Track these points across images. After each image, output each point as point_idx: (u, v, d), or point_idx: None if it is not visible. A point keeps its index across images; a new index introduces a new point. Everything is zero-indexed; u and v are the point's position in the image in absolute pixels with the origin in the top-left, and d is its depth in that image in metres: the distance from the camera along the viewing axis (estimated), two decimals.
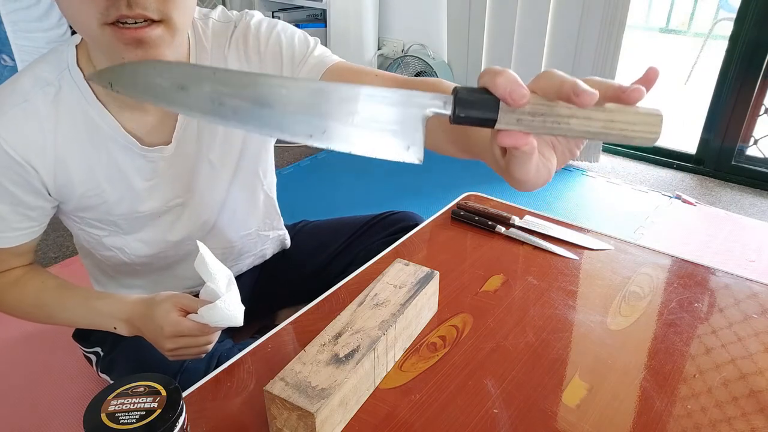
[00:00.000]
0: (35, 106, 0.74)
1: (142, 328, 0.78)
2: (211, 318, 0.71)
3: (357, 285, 0.87)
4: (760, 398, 0.67)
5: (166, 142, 0.83)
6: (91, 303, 0.82)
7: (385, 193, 2.13)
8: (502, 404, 0.65)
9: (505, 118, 0.41)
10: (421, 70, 2.68)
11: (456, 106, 0.41)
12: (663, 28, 4.92)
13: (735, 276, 0.90)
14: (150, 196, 0.85)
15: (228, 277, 0.73)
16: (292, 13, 2.81)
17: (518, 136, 0.41)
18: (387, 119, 0.42)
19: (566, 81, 0.40)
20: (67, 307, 0.83)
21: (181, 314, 0.74)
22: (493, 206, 1.07)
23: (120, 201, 0.83)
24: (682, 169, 2.39)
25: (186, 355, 0.77)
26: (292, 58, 0.85)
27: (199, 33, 0.83)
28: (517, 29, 2.37)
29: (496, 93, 0.40)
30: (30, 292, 0.84)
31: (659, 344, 0.75)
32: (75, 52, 0.76)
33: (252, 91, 0.41)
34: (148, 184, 0.84)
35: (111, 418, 0.49)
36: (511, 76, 0.40)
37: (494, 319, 0.79)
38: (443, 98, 0.42)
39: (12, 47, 2.44)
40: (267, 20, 0.89)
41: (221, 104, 0.40)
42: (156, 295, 0.77)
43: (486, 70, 0.42)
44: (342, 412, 0.61)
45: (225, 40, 0.85)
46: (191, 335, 0.74)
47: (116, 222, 0.86)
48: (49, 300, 0.84)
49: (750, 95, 2.19)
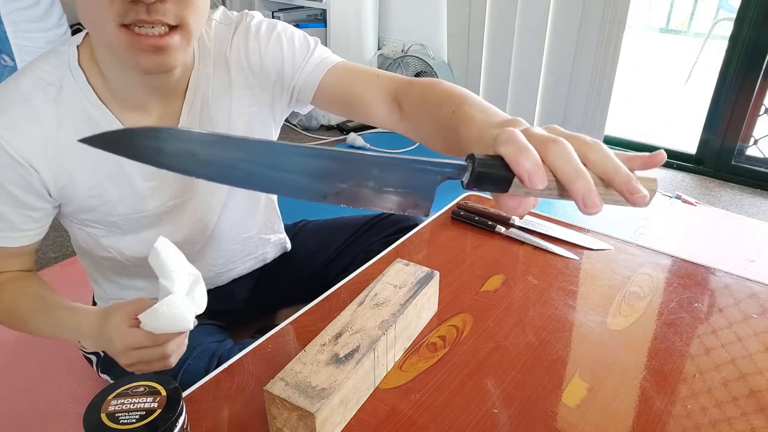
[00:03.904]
0: (36, 107, 0.74)
1: (99, 344, 0.73)
2: (152, 324, 0.62)
3: (357, 285, 0.87)
4: (760, 398, 0.67)
5: None
6: (57, 315, 0.77)
7: None
8: (502, 404, 0.65)
9: (515, 190, 0.41)
10: (421, 70, 2.68)
11: (471, 179, 0.41)
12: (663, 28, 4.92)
13: (735, 276, 0.90)
14: (151, 195, 0.85)
15: (193, 276, 0.65)
16: (292, 13, 2.81)
17: (523, 200, 0.42)
18: (401, 184, 0.42)
19: (621, 173, 0.40)
20: (37, 317, 0.80)
21: (134, 324, 0.66)
22: (493, 206, 1.07)
23: (121, 200, 0.83)
24: (682, 169, 2.39)
25: (147, 369, 0.70)
26: (293, 59, 0.86)
27: (202, 35, 0.83)
28: (517, 29, 2.37)
29: (515, 171, 0.40)
30: (7, 297, 0.82)
31: (659, 344, 0.75)
32: (76, 52, 0.76)
33: (269, 159, 0.40)
34: (149, 184, 0.84)
35: (111, 418, 0.49)
36: (534, 159, 0.39)
37: (494, 319, 0.79)
38: (458, 167, 0.41)
39: (12, 47, 2.44)
40: (267, 21, 0.89)
41: (236, 169, 0.39)
42: (111, 306, 0.71)
43: (509, 137, 0.41)
44: (342, 412, 0.61)
45: (227, 42, 0.85)
46: (144, 347, 0.67)
47: (116, 222, 0.86)
48: (23, 307, 0.81)
49: (750, 95, 2.19)
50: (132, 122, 0.79)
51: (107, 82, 0.76)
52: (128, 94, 0.77)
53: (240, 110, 0.88)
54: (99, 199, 0.82)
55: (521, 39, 2.37)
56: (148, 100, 0.78)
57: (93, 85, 0.76)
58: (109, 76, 0.76)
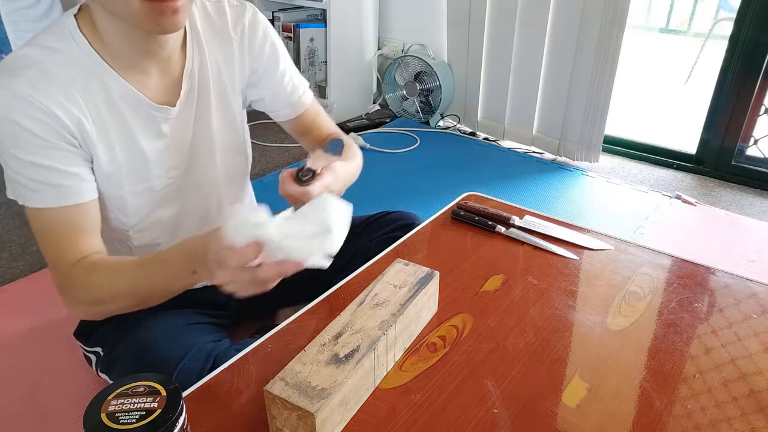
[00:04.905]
0: (49, 68, 0.76)
1: (208, 270, 0.68)
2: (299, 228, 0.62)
3: (357, 285, 0.87)
4: (760, 398, 0.67)
5: (171, 105, 0.87)
6: (169, 265, 0.76)
7: (385, 192, 2.13)
8: (502, 404, 0.65)
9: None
10: (421, 70, 2.68)
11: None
12: (663, 28, 4.92)
13: (735, 276, 0.90)
14: (155, 160, 0.88)
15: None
16: (292, 13, 2.80)
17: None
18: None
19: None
20: (152, 281, 0.77)
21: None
22: (493, 206, 1.07)
23: (130, 166, 0.85)
24: (682, 169, 2.39)
25: (247, 292, 0.67)
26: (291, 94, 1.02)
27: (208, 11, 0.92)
28: (517, 29, 2.37)
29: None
30: (112, 278, 0.79)
31: (659, 344, 0.75)
32: (75, 21, 0.79)
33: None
34: (154, 145, 0.87)
35: (111, 418, 0.49)
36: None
37: (494, 319, 0.79)
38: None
39: (12, 47, 2.44)
40: (273, 38, 0.99)
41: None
42: (218, 228, 0.66)
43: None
44: (342, 412, 0.61)
45: (232, 26, 0.93)
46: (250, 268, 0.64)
47: (125, 199, 0.87)
48: (133, 283, 0.78)
49: (750, 95, 2.19)
50: (134, 82, 0.82)
51: (107, 47, 0.80)
52: (128, 57, 0.81)
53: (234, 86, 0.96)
54: (113, 165, 0.84)
55: (521, 39, 2.37)
56: (145, 63, 0.83)
57: (96, 49, 0.79)
58: (109, 41, 0.79)
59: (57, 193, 0.78)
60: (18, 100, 0.73)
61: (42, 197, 0.77)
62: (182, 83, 0.87)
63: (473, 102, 2.64)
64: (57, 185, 0.77)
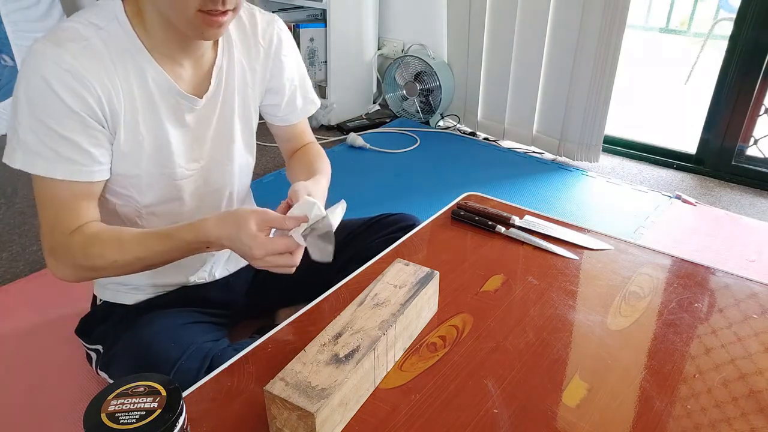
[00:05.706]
0: (94, 44, 0.78)
1: (232, 247, 0.79)
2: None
3: (357, 285, 0.87)
4: (760, 398, 0.67)
5: (199, 96, 0.90)
6: (175, 237, 0.81)
7: (385, 192, 2.13)
8: (502, 404, 0.66)
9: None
10: (421, 70, 2.68)
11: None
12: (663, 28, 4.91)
13: (735, 276, 0.90)
14: (177, 149, 0.89)
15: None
16: (292, 13, 2.80)
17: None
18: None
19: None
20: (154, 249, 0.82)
21: (267, 233, 0.78)
22: (493, 206, 1.07)
23: (153, 148, 0.87)
24: (682, 169, 2.39)
25: (276, 270, 0.79)
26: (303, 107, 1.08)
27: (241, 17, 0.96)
28: (517, 29, 2.37)
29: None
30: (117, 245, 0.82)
31: (659, 344, 0.75)
32: (122, 5, 0.81)
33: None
34: (176, 132, 0.89)
35: (111, 418, 0.49)
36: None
37: (494, 319, 0.79)
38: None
39: (12, 47, 2.44)
40: (295, 53, 1.05)
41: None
42: (236, 215, 0.78)
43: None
44: (342, 412, 0.61)
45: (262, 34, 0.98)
46: (278, 253, 0.77)
47: (140, 177, 0.88)
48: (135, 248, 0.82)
49: (750, 95, 2.19)
50: (169, 70, 0.85)
51: (149, 35, 0.83)
52: (166, 49, 0.84)
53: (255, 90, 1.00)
54: (134, 145, 0.85)
55: (521, 39, 2.37)
56: (180, 56, 0.87)
57: (137, 35, 0.82)
58: (152, 32, 0.82)
59: (69, 168, 0.79)
60: (59, 69, 0.75)
61: (53, 168, 0.78)
62: (211, 78, 0.91)
63: (473, 102, 2.64)
64: (72, 160, 0.79)
